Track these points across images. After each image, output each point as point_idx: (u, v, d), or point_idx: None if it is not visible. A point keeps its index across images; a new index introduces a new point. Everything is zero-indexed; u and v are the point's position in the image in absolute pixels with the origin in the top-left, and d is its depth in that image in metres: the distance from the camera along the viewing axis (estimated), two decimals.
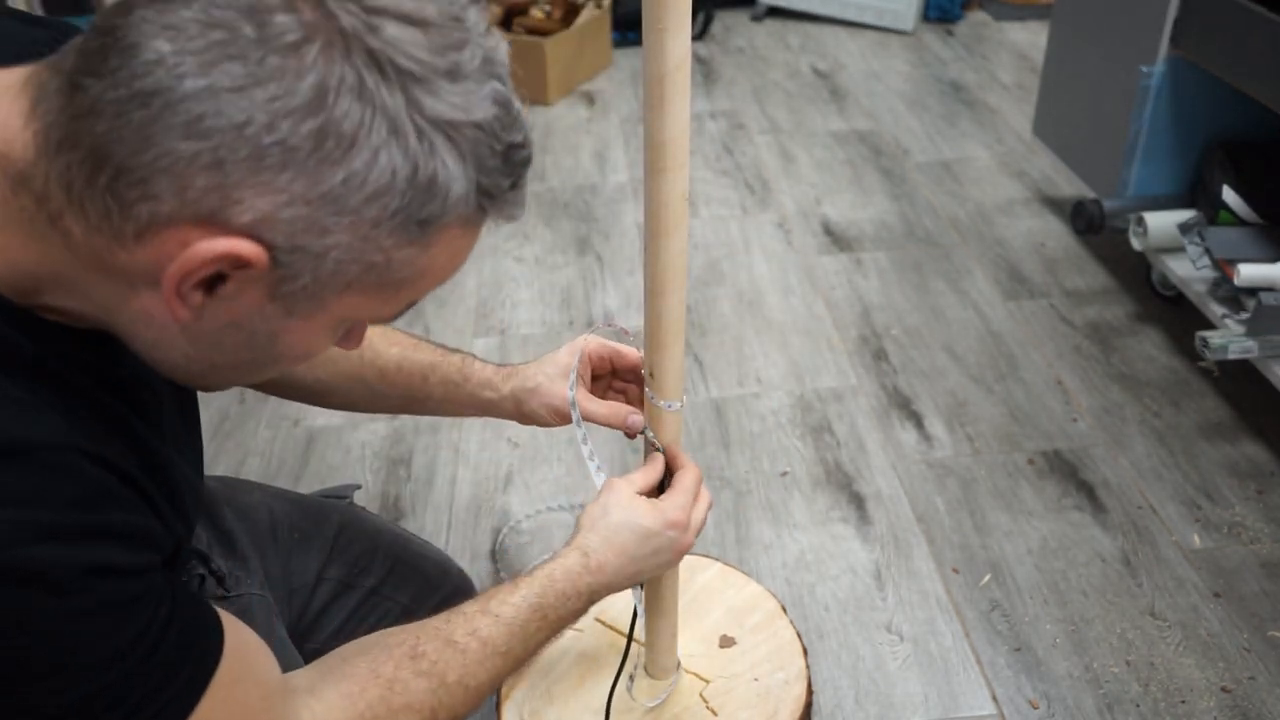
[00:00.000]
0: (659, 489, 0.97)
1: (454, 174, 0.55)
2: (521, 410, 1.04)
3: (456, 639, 0.78)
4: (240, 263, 0.53)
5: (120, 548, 0.57)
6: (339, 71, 0.51)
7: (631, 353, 1.06)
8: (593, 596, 0.88)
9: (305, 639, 1.09)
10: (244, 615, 0.86)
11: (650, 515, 0.91)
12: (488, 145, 0.56)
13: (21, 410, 0.54)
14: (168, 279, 0.53)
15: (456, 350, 1.08)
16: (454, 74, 0.54)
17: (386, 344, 1.04)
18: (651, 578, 1.01)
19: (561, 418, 1.02)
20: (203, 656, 0.62)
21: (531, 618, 0.83)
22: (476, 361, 1.07)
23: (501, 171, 0.57)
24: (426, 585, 1.25)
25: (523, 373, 1.04)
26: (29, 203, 0.54)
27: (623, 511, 0.91)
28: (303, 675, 0.74)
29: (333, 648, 0.82)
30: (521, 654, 0.82)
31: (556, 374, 1.02)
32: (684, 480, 0.95)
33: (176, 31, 0.50)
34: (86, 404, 0.58)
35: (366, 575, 1.16)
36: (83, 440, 0.55)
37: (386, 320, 0.64)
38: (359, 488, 1.35)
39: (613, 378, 1.09)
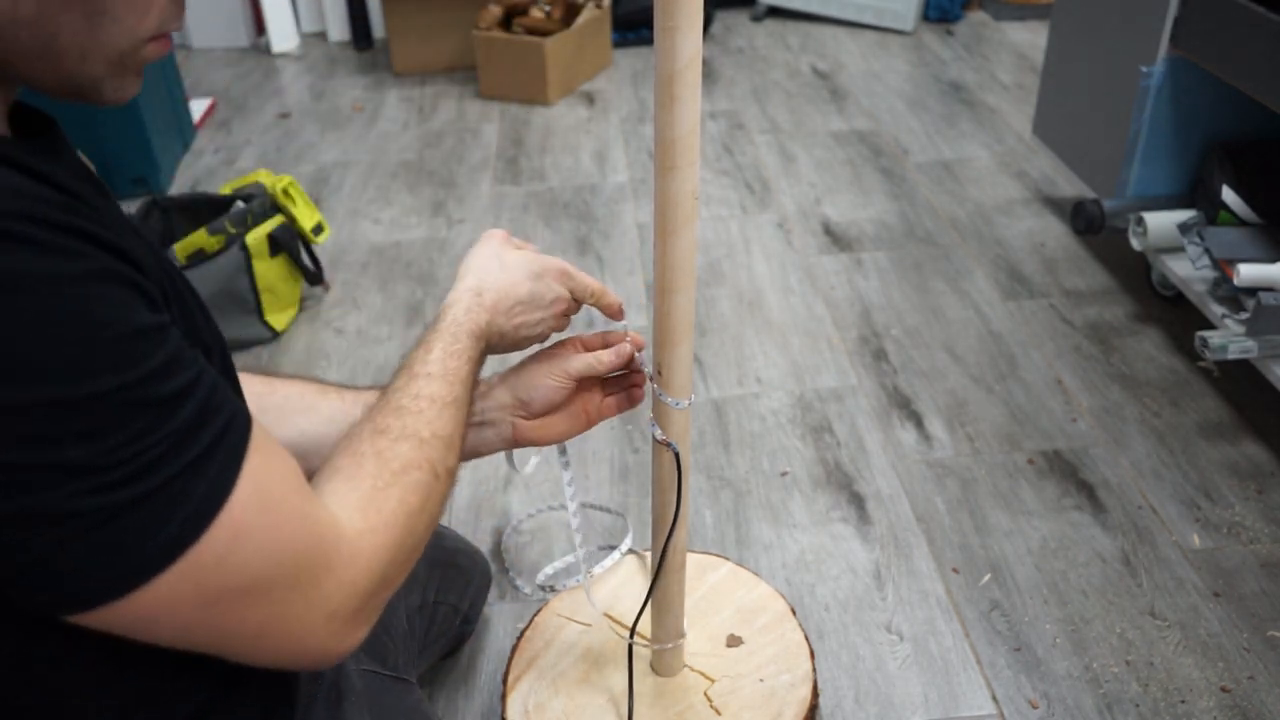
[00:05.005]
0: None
1: None
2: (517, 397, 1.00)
3: (406, 405, 0.77)
4: None
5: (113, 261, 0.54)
6: None
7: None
8: (478, 329, 0.87)
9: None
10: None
11: (534, 255, 0.93)
12: None
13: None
14: None
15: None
16: None
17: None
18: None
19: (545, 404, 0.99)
20: (235, 417, 0.59)
21: (455, 364, 0.82)
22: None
23: None
24: (462, 577, 1.28)
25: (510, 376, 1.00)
26: None
27: (496, 248, 0.92)
28: None
29: (423, 667, 0.78)
30: (464, 396, 0.82)
31: (535, 365, 1.00)
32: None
33: None
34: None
35: (428, 590, 1.19)
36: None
37: None
38: None
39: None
